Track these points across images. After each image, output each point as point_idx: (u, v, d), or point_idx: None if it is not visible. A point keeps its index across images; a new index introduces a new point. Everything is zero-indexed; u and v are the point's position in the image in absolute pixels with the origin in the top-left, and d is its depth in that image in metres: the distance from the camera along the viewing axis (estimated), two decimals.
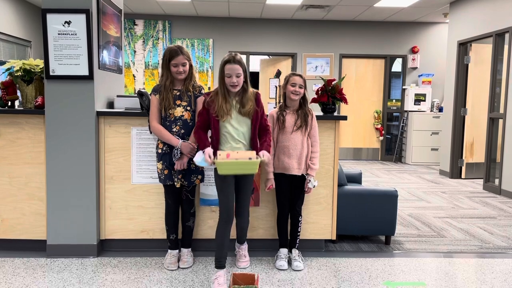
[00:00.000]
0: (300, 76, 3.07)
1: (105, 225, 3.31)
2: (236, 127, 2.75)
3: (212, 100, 2.74)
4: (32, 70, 3.27)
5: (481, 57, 6.87)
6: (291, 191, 3.13)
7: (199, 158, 2.73)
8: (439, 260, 3.38)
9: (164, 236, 3.19)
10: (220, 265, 2.79)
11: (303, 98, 3.11)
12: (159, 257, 3.23)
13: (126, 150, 3.27)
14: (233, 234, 2.97)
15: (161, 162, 2.99)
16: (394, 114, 9.28)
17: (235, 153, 2.63)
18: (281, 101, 3.18)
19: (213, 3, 7.63)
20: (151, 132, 3.05)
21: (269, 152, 2.79)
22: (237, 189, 2.86)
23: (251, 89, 2.81)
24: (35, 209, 3.28)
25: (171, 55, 2.89)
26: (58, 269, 3.04)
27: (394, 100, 9.17)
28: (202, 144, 2.76)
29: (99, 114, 3.22)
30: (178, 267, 3.08)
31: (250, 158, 2.61)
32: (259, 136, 2.84)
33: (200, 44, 8.77)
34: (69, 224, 3.22)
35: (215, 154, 2.66)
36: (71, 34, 3.10)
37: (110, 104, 3.55)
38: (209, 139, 2.81)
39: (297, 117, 3.06)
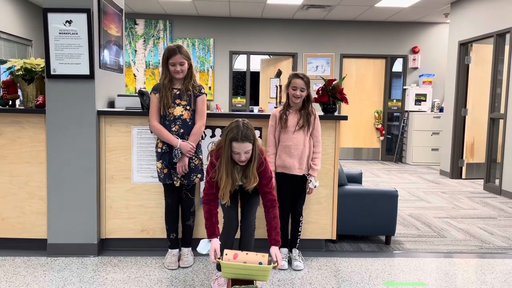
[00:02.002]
0: (302, 78, 3.01)
1: (105, 224, 3.31)
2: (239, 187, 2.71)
3: (215, 175, 2.60)
4: (33, 69, 3.27)
5: (481, 58, 6.86)
6: (292, 191, 3.13)
7: (204, 250, 2.51)
8: (439, 260, 3.38)
9: (165, 235, 3.19)
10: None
11: (307, 98, 3.09)
12: (160, 257, 3.23)
13: (126, 149, 3.27)
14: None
15: (160, 161, 2.99)
16: (394, 114, 9.28)
17: (244, 254, 2.38)
18: (283, 100, 3.18)
19: (214, 2, 7.63)
20: (152, 132, 3.05)
21: (279, 243, 2.61)
22: (241, 200, 2.80)
23: (258, 152, 2.60)
24: (35, 208, 3.28)
25: (169, 54, 2.89)
26: (58, 268, 3.04)
27: (394, 100, 9.17)
28: (210, 229, 2.59)
29: (100, 113, 3.22)
30: (179, 266, 3.08)
31: (260, 263, 2.33)
32: (265, 209, 2.69)
33: (201, 43, 8.77)
34: (70, 223, 3.23)
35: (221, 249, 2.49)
36: (72, 33, 3.10)
37: (111, 104, 3.56)
38: (218, 224, 2.63)
39: (300, 117, 3.06)
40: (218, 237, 2.61)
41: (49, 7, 3.08)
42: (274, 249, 2.58)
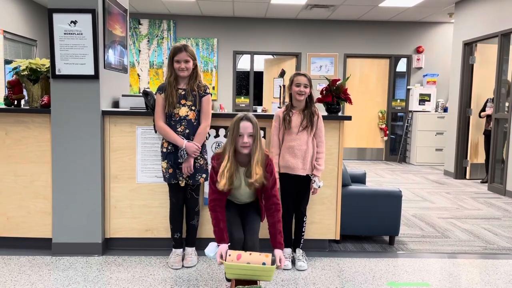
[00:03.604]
0: (305, 75, 3.06)
1: (110, 223, 3.33)
2: (241, 193, 2.70)
3: (219, 163, 2.59)
4: (38, 69, 3.29)
5: (486, 57, 6.84)
6: (296, 191, 3.13)
7: (211, 253, 2.50)
8: (443, 260, 3.37)
9: (169, 235, 3.20)
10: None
11: (310, 97, 3.10)
12: (164, 256, 3.24)
13: (131, 149, 3.28)
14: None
15: (165, 161, 3.00)
16: (398, 114, 9.26)
17: (247, 255, 2.38)
18: (287, 101, 3.18)
19: (217, 2, 7.64)
20: (156, 132, 3.06)
21: (283, 246, 2.61)
22: (242, 218, 2.73)
23: (263, 151, 2.63)
24: (40, 208, 3.30)
25: (174, 51, 2.93)
26: (63, 267, 3.06)
27: (398, 100, 9.15)
28: (218, 235, 2.56)
29: (105, 113, 3.24)
30: (182, 266, 3.09)
31: (264, 264, 2.33)
32: (269, 213, 2.66)
33: (204, 43, 8.78)
34: (74, 222, 3.24)
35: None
36: (77, 33, 3.12)
37: (115, 104, 3.57)
38: (226, 230, 2.59)
39: (303, 117, 3.06)
40: (227, 243, 2.56)
41: (54, 8, 3.10)
42: (278, 252, 2.53)
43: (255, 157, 2.57)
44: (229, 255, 2.40)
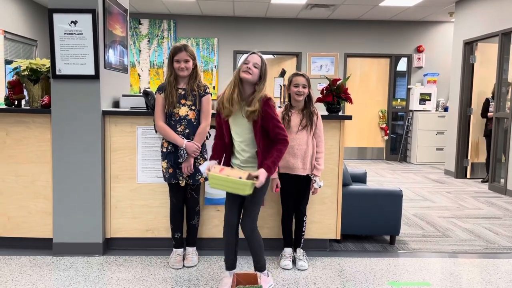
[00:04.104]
0: (303, 75, 3.06)
1: (110, 223, 3.33)
2: (238, 132, 2.63)
3: (221, 95, 2.65)
4: (38, 69, 3.29)
5: (487, 57, 6.83)
6: (296, 191, 3.13)
7: (202, 168, 2.70)
8: (444, 260, 3.37)
9: (169, 235, 3.20)
10: (227, 266, 2.77)
11: (308, 97, 3.10)
12: (164, 256, 3.24)
13: (131, 149, 3.28)
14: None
15: (165, 161, 3.00)
16: (399, 113, 9.25)
17: (229, 169, 2.55)
18: (287, 101, 3.18)
19: (218, 2, 7.64)
20: (156, 132, 3.07)
21: (271, 170, 2.53)
22: (244, 200, 2.71)
23: (263, 92, 2.59)
24: (41, 208, 3.30)
25: (174, 51, 2.93)
26: (64, 267, 3.06)
27: (399, 100, 9.15)
28: (212, 154, 2.75)
29: (105, 113, 3.24)
30: (183, 265, 3.10)
31: (240, 178, 2.43)
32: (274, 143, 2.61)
33: (205, 43, 8.78)
34: (75, 222, 3.24)
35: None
36: (78, 33, 3.12)
37: (116, 103, 3.57)
38: (223, 151, 2.72)
39: (302, 117, 3.06)
40: (217, 160, 2.71)
41: (54, 8, 3.10)
42: (261, 171, 2.49)
43: (260, 90, 2.57)
44: (214, 168, 2.56)
